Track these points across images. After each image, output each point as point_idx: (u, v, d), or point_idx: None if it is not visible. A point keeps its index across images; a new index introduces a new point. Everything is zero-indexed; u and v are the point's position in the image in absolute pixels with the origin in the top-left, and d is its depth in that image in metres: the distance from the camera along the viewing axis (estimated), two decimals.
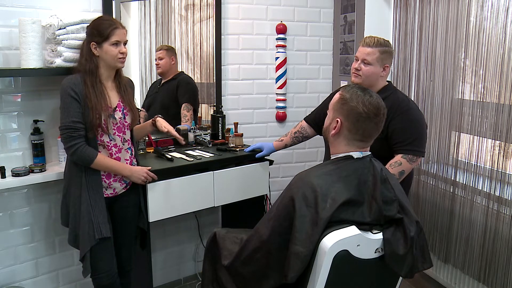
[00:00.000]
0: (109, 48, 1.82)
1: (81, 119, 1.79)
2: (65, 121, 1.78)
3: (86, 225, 1.82)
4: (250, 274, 1.45)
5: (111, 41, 1.81)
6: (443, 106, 2.31)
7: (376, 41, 1.92)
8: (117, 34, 1.83)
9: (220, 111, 2.68)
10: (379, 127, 1.45)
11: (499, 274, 2.01)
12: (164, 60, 2.63)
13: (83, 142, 1.80)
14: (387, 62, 1.94)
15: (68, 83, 1.79)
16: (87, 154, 1.80)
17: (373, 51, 1.90)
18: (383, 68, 1.93)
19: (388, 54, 1.94)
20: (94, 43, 1.82)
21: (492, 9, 1.98)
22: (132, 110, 1.96)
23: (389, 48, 1.95)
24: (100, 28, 1.81)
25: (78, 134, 1.78)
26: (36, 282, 2.29)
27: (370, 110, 1.40)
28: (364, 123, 1.41)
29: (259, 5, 2.80)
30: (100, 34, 1.81)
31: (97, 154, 1.82)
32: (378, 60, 1.91)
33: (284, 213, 1.37)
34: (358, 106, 1.41)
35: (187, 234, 2.79)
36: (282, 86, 2.92)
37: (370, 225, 1.37)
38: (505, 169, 2.00)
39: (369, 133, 1.44)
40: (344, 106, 1.44)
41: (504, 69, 1.93)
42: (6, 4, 2.02)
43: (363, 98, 1.41)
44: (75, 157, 1.81)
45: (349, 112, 1.42)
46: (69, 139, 1.78)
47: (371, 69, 1.92)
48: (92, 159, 1.81)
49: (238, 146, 2.51)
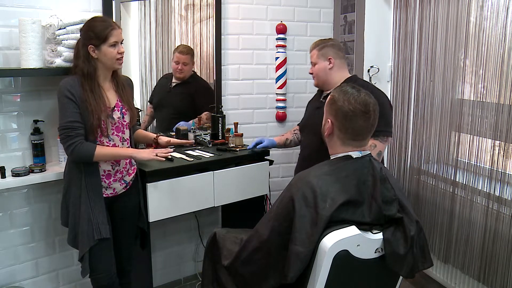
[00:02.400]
0: (108, 49, 1.81)
1: (78, 118, 1.78)
2: (62, 122, 1.78)
3: (86, 226, 1.82)
4: (250, 274, 1.45)
5: (109, 42, 1.80)
6: (443, 106, 2.30)
7: (314, 44, 2.16)
8: (115, 35, 1.82)
9: (220, 111, 2.67)
10: (370, 124, 1.43)
11: (499, 274, 2.01)
12: (188, 66, 2.61)
13: (80, 140, 1.78)
14: (329, 54, 2.10)
15: (64, 84, 1.79)
16: (85, 150, 1.79)
17: (312, 53, 2.15)
18: (328, 61, 2.10)
19: (326, 48, 2.11)
20: (92, 46, 1.80)
21: (492, 9, 1.98)
22: (131, 109, 1.96)
23: (325, 43, 2.13)
24: (97, 30, 1.79)
25: (75, 133, 1.77)
26: (36, 282, 2.29)
27: (356, 107, 1.40)
28: (352, 121, 1.41)
29: (259, 5, 2.80)
30: (98, 37, 1.79)
31: (95, 147, 1.80)
32: (319, 57, 2.11)
33: (284, 213, 1.37)
34: (344, 104, 1.41)
35: (187, 234, 2.79)
36: (282, 86, 2.92)
37: (370, 225, 1.37)
38: (505, 169, 2.00)
39: (359, 131, 1.43)
40: (332, 106, 1.45)
41: (504, 69, 1.93)
42: (6, 4, 2.02)
43: (349, 96, 1.42)
44: (74, 156, 1.80)
45: (337, 111, 1.43)
46: (66, 139, 1.78)
47: (317, 67, 2.13)
48: (92, 153, 1.79)
49: (238, 146, 2.51)
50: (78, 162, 1.83)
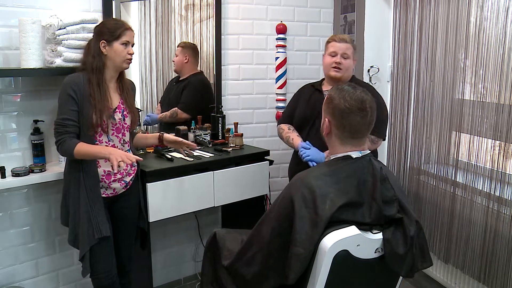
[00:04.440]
0: (119, 47, 1.84)
1: (72, 117, 1.79)
2: (57, 118, 1.80)
3: (86, 225, 1.82)
4: (250, 275, 1.45)
5: (121, 40, 1.84)
6: (443, 106, 2.30)
7: (348, 37, 2.17)
8: (128, 35, 1.86)
9: (220, 111, 2.67)
10: (367, 121, 1.42)
11: (499, 274, 2.01)
12: (177, 58, 2.65)
13: (68, 137, 1.78)
14: (356, 55, 2.22)
15: (70, 81, 1.80)
16: (67, 146, 1.78)
17: (349, 46, 2.12)
18: (354, 60, 2.19)
19: (356, 49, 2.21)
20: (104, 41, 1.83)
21: (492, 9, 1.98)
22: (133, 112, 1.97)
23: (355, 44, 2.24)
24: (112, 28, 1.84)
25: (64, 130, 1.78)
26: (36, 282, 2.30)
27: (352, 104, 1.40)
28: (348, 119, 1.40)
29: (259, 5, 2.80)
30: (112, 33, 1.83)
31: (76, 143, 1.78)
32: (354, 54, 2.16)
33: (283, 213, 1.37)
34: (340, 102, 1.41)
35: (187, 234, 2.79)
36: (282, 86, 2.92)
37: (370, 225, 1.37)
38: (505, 169, 2.00)
39: (357, 128, 1.42)
40: (329, 104, 1.45)
41: (504, 69, 1.93)
42: (6, 4, 2.02)
43: (345, 93, 1.42)
44: (61, 151, 1.83)
45: (333, 109, 1.43)
46: (56, 135, 1.81)
47: (349, 62, 2.14)
48: (72, 148, 1.77)
49: (238, 146, 2.51)
50: (74, 160, 1.84)
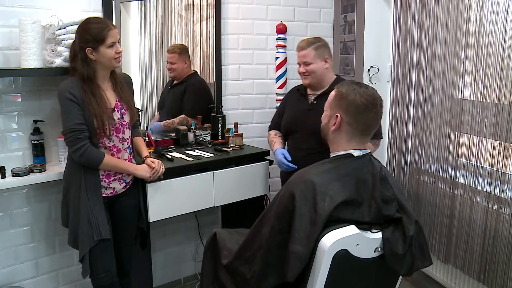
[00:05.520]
0: (106, 51, 1.80)
1: (83, 120, 1.78)
2: (68, 124, 1.77)
3: (85, 226, 1.82)
4: (250, 273, 1.45)
5: (107, 44, 1.79)
6: (443, 106, 2.30)
7: (307, 41, 2.14)
8: (112, 36, 1.80)
9: (220, 111, 2.68)
10: (378, 117, 1.46)
11: (499, 274, 2.01)
12: (176, 65, 2.61)
13: (89, 144, 1.80)
14: (325, 54, 2.14)
15: (65, 87, 1.78)
16: (94, 156, 1.81)
17: (308, 52, 2.11)
18: (324, 61, 2.13)
19: (322, 47, 2.13)
20: (90, 48, 1.78)
21: (492, 9, 1.97)
22: (130, 108, 1.95)
23: (321, 42, 2.14)
24: (94, 33, 1.77)
25: (84, 135, 1.78)
26: (36, 282, 2.30)
27: (368, 100, 1.41)
28: (363, 115, 1.42)
29: (259, 5, 2.80)
30: (95, 39, 1.77)
31: (104, 154, 1.83)
32: (316, 57, 2.11)
33: (283, 211, 1.37)
34: (356, 98, 1.42)
35: (187, 234, 2.79)
36: (282, 86, 2.92)
37: (369, 224, 1.37)
38: (505, 169, 2.00)
39: (370, 125, 1.45)
40: (342, 101, 1.45)
41: (504, 69, 1.93)
42: (6, 4, 2.02)
43: (359, 90, 1.43)
44: (83, 159, 1.79)
45: (348, 105, 1.43)
46: (75, 142, 1.77)
47: (313, 67, 2.12)
48: (100, 160, 1.81)
49: (238, 146, 2.51)
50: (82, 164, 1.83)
